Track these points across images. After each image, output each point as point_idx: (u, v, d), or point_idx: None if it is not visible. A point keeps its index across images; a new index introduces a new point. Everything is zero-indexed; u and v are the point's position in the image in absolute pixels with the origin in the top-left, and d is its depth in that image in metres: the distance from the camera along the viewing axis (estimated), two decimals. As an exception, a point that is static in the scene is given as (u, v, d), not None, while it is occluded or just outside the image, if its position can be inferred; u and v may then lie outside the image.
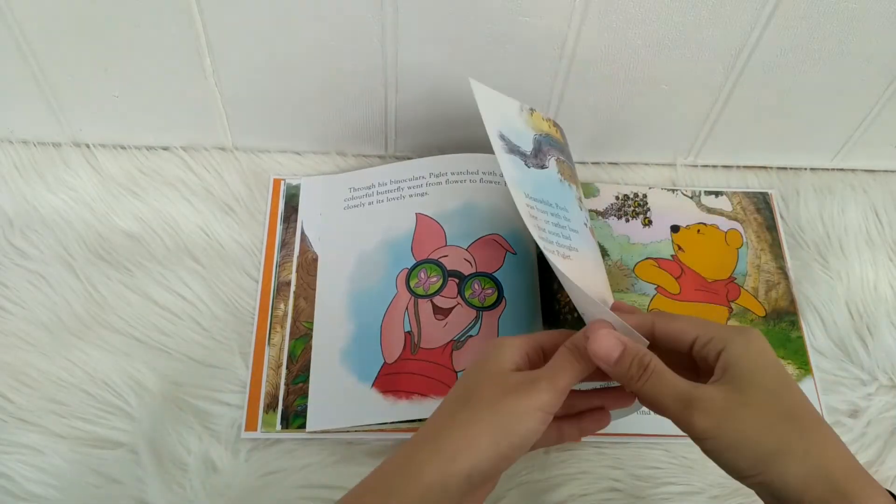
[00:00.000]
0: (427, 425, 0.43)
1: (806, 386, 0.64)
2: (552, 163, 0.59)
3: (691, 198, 0.74)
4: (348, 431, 0.60)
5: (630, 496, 0.59)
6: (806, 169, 0.78)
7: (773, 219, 0.73)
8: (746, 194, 0.75)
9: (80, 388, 0.61)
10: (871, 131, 0.73)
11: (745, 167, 0.78)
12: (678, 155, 0.77)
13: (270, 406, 0.61)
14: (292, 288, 0.66)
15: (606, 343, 0.43)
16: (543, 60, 0.64)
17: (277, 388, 0.62)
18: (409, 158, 0.76)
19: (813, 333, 0.68)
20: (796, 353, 0.66)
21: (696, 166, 0.77)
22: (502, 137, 0.57)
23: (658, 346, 0.45)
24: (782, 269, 0.70)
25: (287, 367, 0.63)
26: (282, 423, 0.60)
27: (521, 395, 0.41)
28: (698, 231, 0.72)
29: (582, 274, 0.52)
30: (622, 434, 0.61)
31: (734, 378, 0.41)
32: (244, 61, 0.65)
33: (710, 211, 0.73)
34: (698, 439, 0.41)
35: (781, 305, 0.68)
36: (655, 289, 0.68)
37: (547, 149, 0.60)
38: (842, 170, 0.78)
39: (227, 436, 0.60)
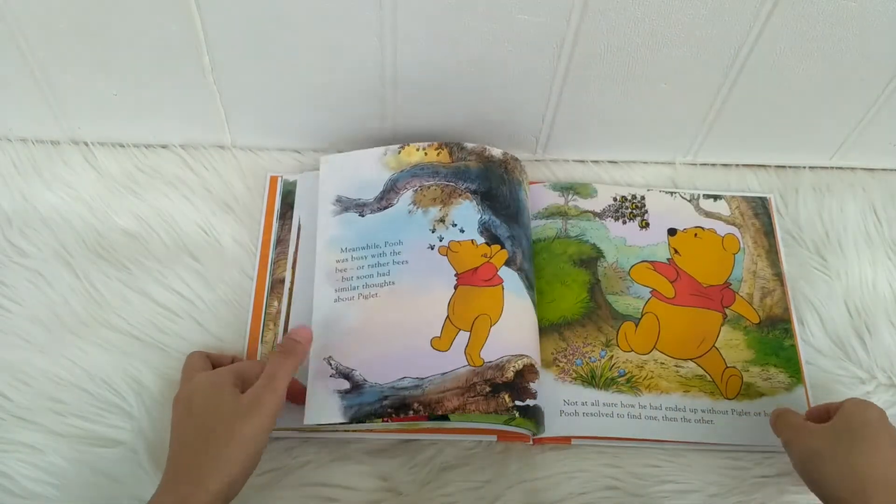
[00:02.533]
0: (183, 459, 0.51)
1: (797, 394, 0.64)
2: (405, 196, 0.66)
3: (689, 201, 0.73)
4: (346, 431, 0.60)
5: (628, 494, 0.60)
6: (805, 167, 0.78)
7: (770, 224, 0.73)
8: (745, 199, 0.74)
9: (79, 386, 0.61)
10: (870, 130, 0.73)
11: (743, 166, 0.78)
12: (677, 153, 0.77)
13: None
14: (286, 285, 0.66)
15: (777, 410, 0.59)
16: (542, 59, 0.64)
17: None
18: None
19: (811, 332, 0.68)
20: (789, 361, 0.65)
21: (695, 165, 0.77)
22: (338, 200, 0.66)
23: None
24: (778, 276, 0.70)
25: None
26: None
27: (254, 417, 0.51)
28: (696, 235, 0.71)
29: (395, 303, 0.61)
30: (621, 438, 0.62)
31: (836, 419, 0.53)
32: (243, 59, 0.65)
33: (707, 214, 0.72)
34: (786, 447, 0.56)
35: (776, 313, 0.68)
36: (651, 292, 0.68)
37: (403, 184, 0.66)
38: (840, 168, 0.78)
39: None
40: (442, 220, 0.64)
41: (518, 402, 0.57)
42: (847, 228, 0.74)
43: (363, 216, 0.65)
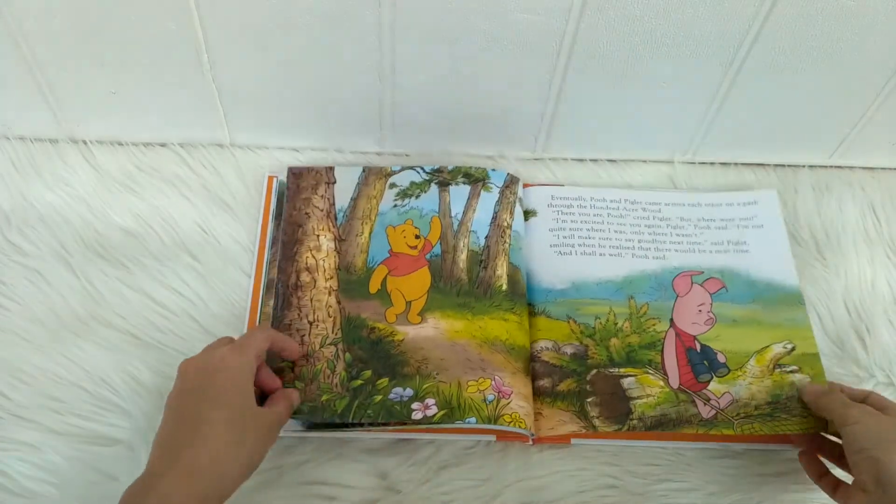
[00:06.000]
0: (197, 449, 0.47)
1: None
2: None
3: None
4: (345, 430, 0.60)
5: (627, 493, 0.59)
6: (804, 166, 0.78)
7: None
8: None
9: (77, 384, 0.61)
10: (869, 129, 0.73)
11: (742, 164, 0.78)
12: (676, 152, 0.77)
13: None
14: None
15: (815, 388, 0.61)
16: (541, 57, 0.64)
17: None
18: (406, 155, 0.76)
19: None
20: None
21: (694, 163, 0.77)
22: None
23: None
24: None
25: None
26: None
27: (272, 437, 0.52)
28: None
29: None
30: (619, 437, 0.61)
31: None
32: (242, 57, 0.65)
33: None
34: (846, 425, 0.53)
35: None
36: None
37: None
38: (840, 167, 0.78)
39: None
40: None
41: None
42: (846, 227, 0.74)
43: None
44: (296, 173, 0.71)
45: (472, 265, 0.67)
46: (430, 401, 0.59)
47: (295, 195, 0.70)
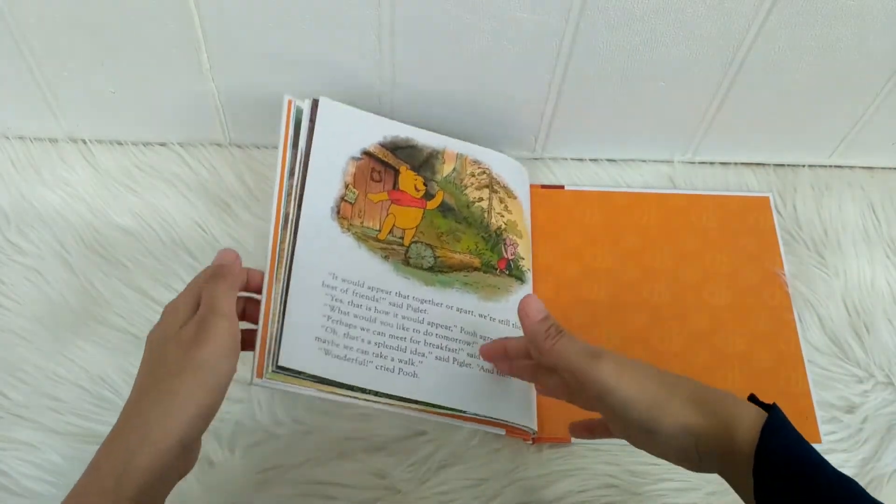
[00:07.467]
0: (129, 410, 0.44)
1: None
2: None
3: None
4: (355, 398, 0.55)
5: (627, 492, 0.60)
6: (804, 166, 0.78)
7: None
8: None
9: (76, 383, 0.61)
10: (869, 128, 0.73)
11: (742, 164, 0.78)
12: (675, 152, 0.77)
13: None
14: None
15: (537, 305, 0.49)
16: (541, 57, 0.64)
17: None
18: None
19: (809, 329, 0.68)
20: None
21: (694, 163, 0.77)
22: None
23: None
24: None
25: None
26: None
27: (205, 343, 0.43)
28: None
29: None
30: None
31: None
32: (241, 57, 0.65)
33: None
34: (604, 388, 0.45)
35: None
36: None
37: None
38: (839, 167, 0.78)
39: (224, 431, 0.60)
40: None
41: None
42: (846, 227, 0.74)
43: None
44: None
45: None
46: None
47: None
